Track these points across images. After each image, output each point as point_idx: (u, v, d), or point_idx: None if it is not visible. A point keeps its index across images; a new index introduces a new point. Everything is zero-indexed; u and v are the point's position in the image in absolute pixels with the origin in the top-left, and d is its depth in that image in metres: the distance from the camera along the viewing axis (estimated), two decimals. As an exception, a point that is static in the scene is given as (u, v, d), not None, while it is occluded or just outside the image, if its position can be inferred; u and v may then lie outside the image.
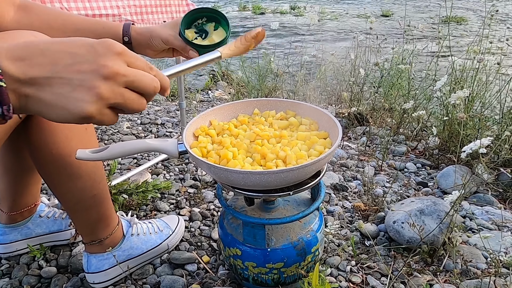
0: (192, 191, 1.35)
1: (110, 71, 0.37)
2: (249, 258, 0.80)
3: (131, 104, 0.40)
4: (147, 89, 0.41)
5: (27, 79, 0.35)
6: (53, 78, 0.36)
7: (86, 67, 0.37)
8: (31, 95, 0.36)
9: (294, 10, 8.76)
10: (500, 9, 6.84)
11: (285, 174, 0.65)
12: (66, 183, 0.76)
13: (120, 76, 0.38)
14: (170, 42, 0.76)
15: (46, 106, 0.36)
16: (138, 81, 0.40)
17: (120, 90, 0.39)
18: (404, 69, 1.89)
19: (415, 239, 1.01)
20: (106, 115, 0.39)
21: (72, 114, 0.36)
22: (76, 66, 0.37)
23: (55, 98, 0.36)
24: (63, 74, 0.36)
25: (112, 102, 0.38)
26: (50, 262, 0.99)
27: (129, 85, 0.39)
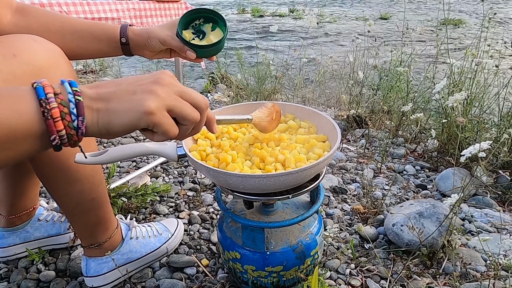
0: (191, 194, 1.35)
1: (165, 81, 0.45)
2: (248, 261, 0.80)
3: (186, 110, 0.46)
4: (198, 100, 0.47)
5: (98, 96, 0.42)
6: (118, 92, 0.43)
7: (145, 81, 0.44)
8: (101, 108, 0.41)
9: (293, 13, 8.80)
10: (498, 12, 6.88)
11: (284, 178, 0.65)
12: (65, 187, 0.76)
13: (173, 86, 0.45)
14: (168, 42, 0.76)
15: (114, 114, 0.41)
16: (189, 91, 0.47)
17: (175, 96, 0.45)
18: (403, 71, 1.90)
19: (414, 242, 1.01)
20: (166, 117, 0.44)
21: (135, 111, 0.41)
22: (137, 82, 0.44)
23: (121, 104, 0.42)
24: (126, 88, 0.43)
25: (169, 103, 0.44)
26: (49, 266, 0.99)
27: (182, 94, 0.46)
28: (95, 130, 0.42)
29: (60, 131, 0.39)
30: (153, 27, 0.78)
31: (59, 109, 0.38)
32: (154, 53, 0.80)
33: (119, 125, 0.42)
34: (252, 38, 5.67)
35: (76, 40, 0.74)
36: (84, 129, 0.40)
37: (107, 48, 0.77)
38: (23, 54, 0.60)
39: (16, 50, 0.60)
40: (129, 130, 0.42)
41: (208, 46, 0.78)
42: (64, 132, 0.39)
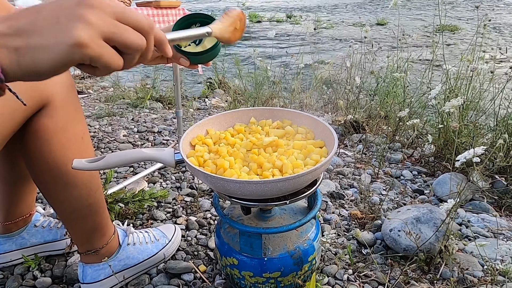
0: (188, 200, 1.35)
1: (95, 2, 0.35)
2: (246, 267, 0.80)
3: (128, 37, 0.37)
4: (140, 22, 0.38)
5: (13, 31, 0.34)
6: (38, 22, 0.34)
7: (69, 3, 0.35)
8: (21, 45, 0.34)
9: (290, 19, 8.85)
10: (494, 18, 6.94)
11: (282, 184, 0.66)
12: (62, 192, 0.76)
13: (107, 6, 0.36)
14: None
15: (38, 51, 0.34)
16: (128, 13, 0.37)
17: (111, 20, 0.36)
18: (399, 77, 1.91)
19: (411, 247, 1.01)
20: (104, 47, 0.36)
21: (63, 45, 0.33)
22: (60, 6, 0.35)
23: (45, 38, 0.34)
24: (47, 15, 0.35)
25: (105, 30, 0.35)
26: (45, 273, 0.98)
27: (119, 16, 0.37)
28: (18, 73, 0.34)
29: None
30: None
31: None
32: (150, 60, 0.80)
33: (47, 63, 0.34)
34: (250, 43, 5.70)
35: None
36: (2, 75, 0.33)
37: None
38: None
39: None
40: (62, 68, 0.35)
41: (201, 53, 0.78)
42: None
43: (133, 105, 2.58)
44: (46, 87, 0.66)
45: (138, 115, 2.37)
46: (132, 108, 2.54)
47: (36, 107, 0.67)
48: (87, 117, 2.25)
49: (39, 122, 0.68)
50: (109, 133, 2.01)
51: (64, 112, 0.71)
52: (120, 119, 2.27)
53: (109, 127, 2.11)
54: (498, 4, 10.09)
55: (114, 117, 2.31)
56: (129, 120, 2.25)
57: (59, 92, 0.68)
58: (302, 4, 12.24)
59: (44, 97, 0.66)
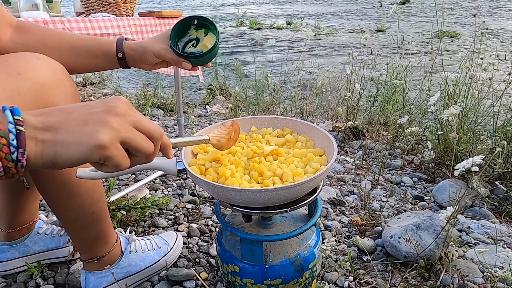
0: (190, 207, 1.36)
1: (119, 110, 0.41)
2: (247, 274, 0.81)
3: (140, 143, 0.43)
4: (152, 131, 0.44)
5: (45, 126, 0.38)
6: (68, 121, 0.39)
7: (98, 110, 0.41)
8: (48, 139, 0.38)
9: (290, 25, 8.92)
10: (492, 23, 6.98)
11: (282, 192, 0.67)
12: (66, 201, 0.77)
13: (129, 115, 0.42)
14: (162, 55, 0.78)
15: (62, 146, 0.38)
16: (144, 122, 0.44)
17: (130, 127, 0.42)
18: (399, 84, 1.93)
19: (412, 254, 1.02)
20: (119, 150, 0.41)
21: (86, 144, 0.38)
22: (89, 110, 0.41)
23: (70, 136, 0.38)
24: (77, 117, 0.40)
25: (123, 135, 0.41)
26: (48, 280, 0.99)
27: (137, 125, 0.43)
28: (39, 162, 0.38)
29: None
30: (147, 41, 0.80)
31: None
32: (151, 65, 0.82)
33: (66, 158, 0.38)
34: (251, 50, 5.74)
35: (73, 56, 0.75)
36: (25, 162, 0.37)
37: (104, 63, 0.79)
38: (27, 72, 0.62)
39: (20, 68, 0.61)
40: (78, 164, 0.39)
41: (202, 55, 0.80)
42: (0, 164, 0.36)
43: (134, 112, 2.60)
44: (51, 97, 0.67)
45: (139, 122, 2.38)
46: (133, 115, 2.55)
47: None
48: (89, 125, 2.26)
49: (44, 132, 0.69)
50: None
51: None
52: (121, 126, 2.28)
53: (111, 134, 2.12)
54: (496, 10, 10.16)
55: (116, 124, 2.32)
56: (130, 127, 2.26)
57: (63, 102, 0.70)
58: (302, 11, 12.33)
59: (49, 107, 0.67)
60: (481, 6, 10.78)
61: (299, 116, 2.47)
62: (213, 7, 14.18)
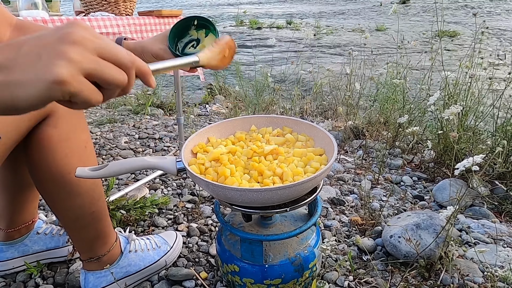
0: (189, 206, 1.36)
1: (76, 36, 0.35)
2: (247, 274, 0.80)
3: (109, 74, 0.36)
4: (121, 58, 0.38)
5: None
6: (19, 57, 0.34)
7: (50, 39, 0.35)
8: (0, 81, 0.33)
9: (290, 25, 8.91)
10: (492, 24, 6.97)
11: (282, 191, 0.66)
12: (65, 201, 0.77)
13: (89, 42, 0.35)
14: (161, 56, 0.77)
15: (18, 87, 0.33)
16: (110, 48, 0.37)
17: (92, 57, 0.36)
18: (399, 83, 1.93)
19: (412, 254, 1.02)
20: (84, 84, 0.35)
21: (43, 81, 0.33)
22: (41, 41, 0.35)
23: (25, 74, 0.34)
24: (28, 51, 0.34)
25: (85, 66, 0.35)
26: (47, 280, 0.98)
27: (101, 52, 0.36)
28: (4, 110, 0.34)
29: None
30: (146, 41, 0.79)
31: None
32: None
33: (26, 99, 0.34)
34: (251, 50, 5.73)
35: None
36: None
37: None
38: None
39: None
40: (40, 104, 0.35)
41: None
42: None
43: (134, 112, 2.60)
44: None
45: (139, 121, 2.39)
46: (133, 115, 2.56)
47: (40, 117, 0.69)
48: (88, 124, 2.26)
49: (43, 131, 0.69)
50: (110, 139, 2.03)
51: (68, 122, 0.72)
52: (121, 125, 2.29)
53: (111, 133, 2.12)
54: (496, 10, 10.15)
55: (116, 123, 2.33)
56: (130, 127, 2.27)
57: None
58: (302, 11, 12.33)
59: (48, 107, 0.67)
60: (481, 6, 10.78)
61: (299, 115, 2.47)
62: (213, 7, 14.19)
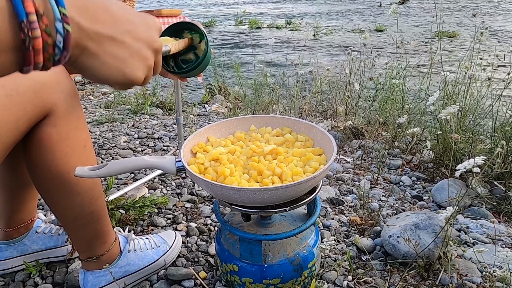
0: (189, 206, 1.36)
1: (157, 46, 0.44)
2: (246, 274, 0.81)
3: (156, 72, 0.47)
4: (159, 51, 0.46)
5: (91, 32, 0.35)
6: (115, 40, 0.37)
7: (142, 37, 0.41)
8: (90, 49, 0.35)
9: (290, 25, 8.91)
10: (491, 23, 6.98)
11: (281, 191, 0.66)
12: (64, 200, 0.77)
13: (159, 52, 0.45)
14: None
15: (101, 64, 0.36)
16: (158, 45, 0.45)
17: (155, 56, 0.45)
18: (398, 83, 1.93)
19: (411, 254, 1.02)
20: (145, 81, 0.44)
21: (126, 77, 0.39)
22: (135, 33, 0.39)
23: (113, 59, 0.37)
24: (124, 37, 0.38)
25: (150, 71, 0.44)
26: (46, 279, 0.98)
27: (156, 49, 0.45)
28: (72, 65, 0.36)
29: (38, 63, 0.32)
30: None
31: (42, 39, 0.30)
32: None
33: (98, 75, 0.37)
34: (250, 50, 5.73)
35: None
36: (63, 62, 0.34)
37: None
38: None
39: None
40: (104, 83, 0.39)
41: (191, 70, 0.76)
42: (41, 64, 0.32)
43: (133, 111, 2.60)
44: (50, 96, 0.67)
45: (138, 121, 2.38)
46: (132, 114, 2.55)
47: (40, 116, 0.69)
48: (87, 123, 2.26)
49: (43, 130, 0.69)
50: (109, 139, 2.03)
51: (67, 121, 0.72)
52: (120, 125, 2.28)
53: (110, 133, 2.12)
54: (495, 10, 10.17)
55: (115, 123, 2.33)
56: (129, 126, 2.27)
57: (62, 101, 0.69)
58: (301, 11, 12.34)
59: (48, 106, 0.67)
60: (481, 6, 10.80)
61: (299, 115, 2.47)
62: (212, 6, 14.20)
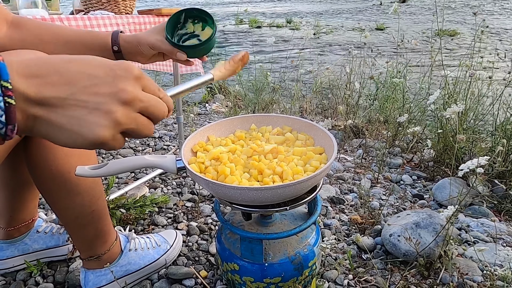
0: (189, 205, 1.36)
1: (129, 96, 0.35)
2: (247, 273, 0.81)
3: (142, 130, 0.38)
4: (158, 115, 0.40)
5: (39, 98, 0.32)
6: (68, 100, 0.33)
7: (104, 90, 0.34)
8: (41, 116, 0.33)
9: (290, 24, 8.89)
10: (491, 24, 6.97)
11: (282, 190, 0.66)
12: (65, 199, 0.77)
13: (137, 102, 0.37)
14: (157, 46, 0.77)
15: (56, 129, 0.33)
16: (152, 107, 0.38)
17: (135, 116, 0.37)
18: (399, 82, 1.93)
19: (411, 252, 1.02)
20: (118, 140, 0.37)
21: (85, 138, 0.34)
22: (94, 88, 0.34)
23: (68, 121, 0.33)
24: (79, 96, 0.34)
25: (126, 127, 0.36)
26: (47, 278, 0.99)
27: (144, 110, 0.38)
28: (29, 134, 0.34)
29: None
30: (142, 33, 0.79)
31: None
32: (147, 57, 0.81)
33: (58, 141, 0.34)
34: (250, 49, 5.73)
35: (68, 50, 0.75)
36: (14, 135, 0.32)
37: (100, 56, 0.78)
38: None
39: None
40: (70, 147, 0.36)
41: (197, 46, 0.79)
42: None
43: (134, 111, 2.59)
44: None
45: (139, 120, 2.38)
46: (133, 114, 2.55)
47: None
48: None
49: (43, 130, 0.69)
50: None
51: (68, 120, 0.72)
52: (121, 124, 2.28)
53: (110, 132, 2.12)
54: (496, 9, 10.15)
55: (115, 122, 2.32)
56: (130, 126, 2.26)
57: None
58: (301, 10, 12.32)
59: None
60: (481, 5, 10.77)
61: (299, 114, 2.47)
62: (213, 6, 14.19)
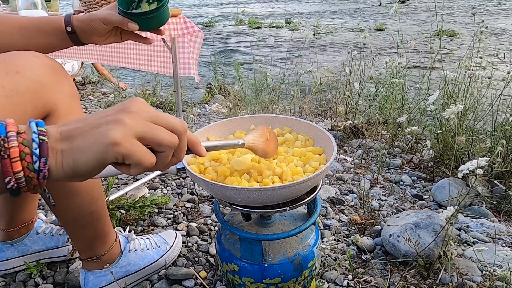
0: (189, 206, 1.36)
1: (134, 108, 0.40)
2: (247, 273, 0.81)
3: (160, 135, 0.40)
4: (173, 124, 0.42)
5: (63, 136, 0.39)
6: (83, 127, 0.39)
7: (112, 111, 0.40)
8: (66, 148, 0.38)
9: (289, 24, 8.90)
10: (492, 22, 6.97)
11: (281, 191, 0.67)
12: (65, 200, 0.77)
13: (144, 112, 0.41)
14: (108, 19, 0.74)
15: (78, 151, 0.38)
16: (163, 116, 0.41)
17: (145, 122, 0.40)
18: (398, 83, 1.93)
19: (411, 253, 1.02)
20: (136, 146, 0.39)
21: (100, 144, 0.38)
22: (104, 113, 0.40)
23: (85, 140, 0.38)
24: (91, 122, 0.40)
25: (138, 129, 0.39)
26: (47, 279, 0.99)
27: (155, 119, 0.41)
28: (60, 173, 0.38)
29: (17, 172, 0.35)
30: (95, 11, 0.78)
31: (19, 149, 0.35)
32: (104, 37, 0.78)
33: (85, 163, 0.38)
34: (250, 49, 5.74)
35: (24, 37, 0.74)
36: (47, 172, 0.37)
37: (56, 40, 0.76)
38: (26, 71, 0.61)
39: (19, 66, 0.61)
40: (97, 168, 0.39)
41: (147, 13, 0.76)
42: (22, 174, 0.36)
43: (133, 111, 2.60)
44: (50, 96, 0.67)
45: (138, 121, 2.38)
46: (132, 114, 2.55)
47: (40, 116, 0.69)
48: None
49: (43, 131, 0.69)
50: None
51: (67, 121, 0.72)
52: (120, 125, 2.28)
53: (110, 133, 2.12)
54: (495, 10, 10.17)
55: (115, 123, 2.32)
56: (129, 126, 2.26)
57: (62, 101, 0.70)
58: (301, 10, 12.33)
59: (48, 106, 0.67)
60: (481, 5, 10.79)
61: (298, 115, 2.47)
62: (211, 6, 14.20)
